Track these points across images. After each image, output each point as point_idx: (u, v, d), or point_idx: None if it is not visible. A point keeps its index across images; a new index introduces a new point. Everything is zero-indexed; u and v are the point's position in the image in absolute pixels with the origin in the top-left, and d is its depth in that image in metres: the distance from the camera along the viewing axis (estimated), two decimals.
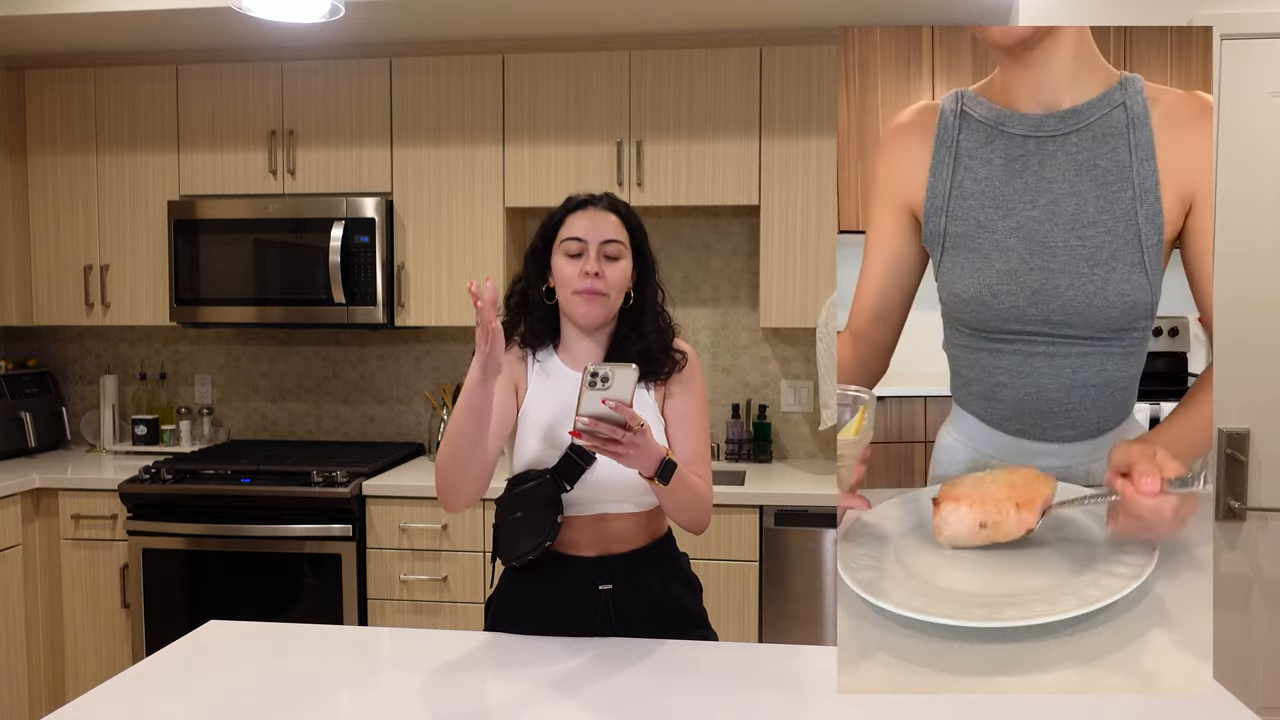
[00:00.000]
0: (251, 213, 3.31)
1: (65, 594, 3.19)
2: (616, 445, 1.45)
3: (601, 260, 1.66)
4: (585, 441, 1.46)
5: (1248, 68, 2.53)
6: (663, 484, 1.53)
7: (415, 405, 3.67)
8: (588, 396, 1.42)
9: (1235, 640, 2.58)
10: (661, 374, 1.72)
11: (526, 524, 1.64)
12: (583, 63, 3.21)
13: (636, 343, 1.70)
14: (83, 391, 3.84)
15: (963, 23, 3.18)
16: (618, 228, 1.69)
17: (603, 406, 1.42)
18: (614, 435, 1.44)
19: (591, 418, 1.43)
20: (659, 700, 1.44)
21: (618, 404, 1.42)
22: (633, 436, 1.45)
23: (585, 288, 1.65)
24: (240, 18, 2.89)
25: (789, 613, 2.91)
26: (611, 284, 1.66)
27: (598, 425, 1.43)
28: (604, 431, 1.43)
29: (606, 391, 1.41)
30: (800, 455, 3.51)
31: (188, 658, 1.63)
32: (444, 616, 3.03)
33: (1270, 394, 2.56)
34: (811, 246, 3.15)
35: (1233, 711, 1.35)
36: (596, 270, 1.64)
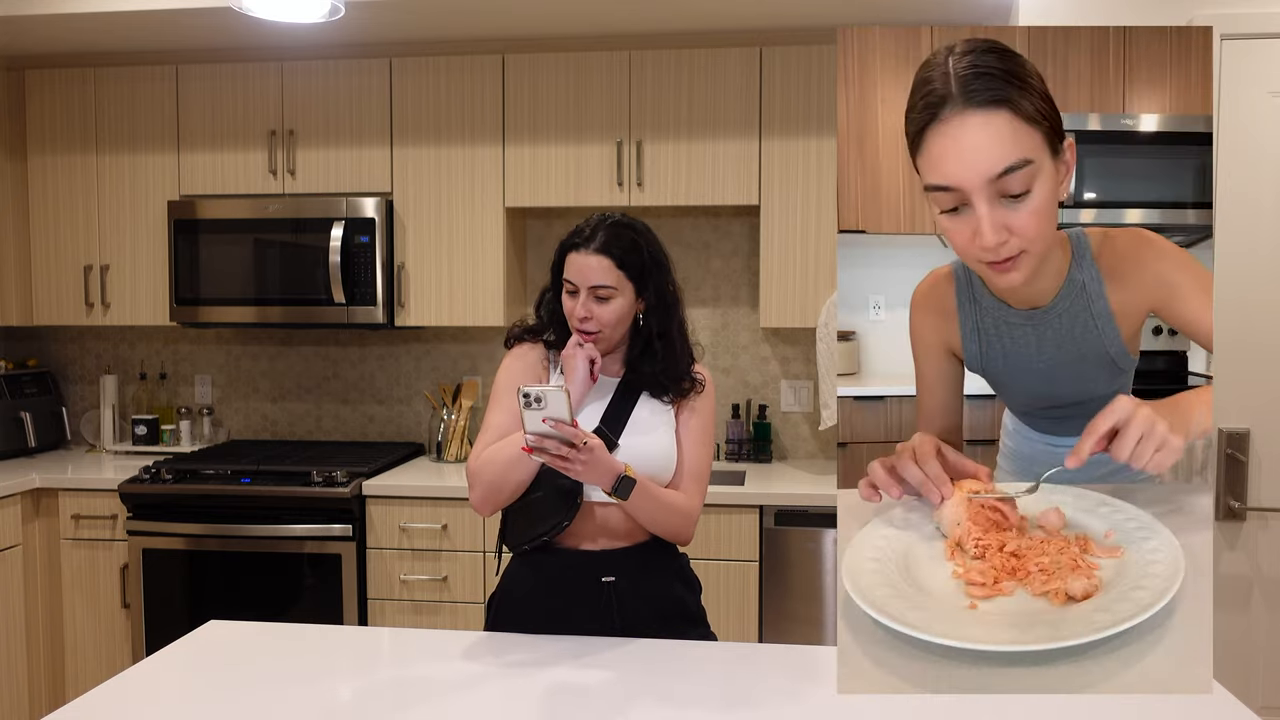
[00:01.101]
0: (251, 213, 3.31)
1: (65, 594, 3.19)
2: (565, 462, 1.54)
3: (591, 303, 1.70)
4: (537, 457, 1.55)
5: (1248, 68, 2.52)
6: (622, 499, 1.62)
7: (415, 405, 3.67)
8: (528, 417, 1.51)
9: (1235, 640, 2.58)
10: (672, 395, 1.77)
11: (545, 504, 1.68)
12: (583, 63, 3.21)
13: (649, 363, 1.76)
14: (83, 391, 3.84)
15: (963, 23, 3.18)
16: (607, 271, 1.70)
17: (544, 425, 1.51)
18: (560, 452, 1.52)
19: (536, 435, 1.52)
20: (659, 700, 1.44)
21: (557, 422, 1.51)
22: (577, 453, 1.53)
23: (578, 327, 1.72)
24: (240, 18, 2.89)
25: (789, 613, 2.91)
26: (603, 323, 1.71)
27: (544, 442, 1.53)
28: (551, 448, 1.53)
29: (544, 411, 1.50)
30: (800, 455, 3.51)
31: (188, 658, 1.63)
32: (444, 616, 3.03)
33: (1270, 394, 2.56)
34: (811, 246, 3.15)
35: (1233, 711, 1.35)
36: (585, 314, 1.70)
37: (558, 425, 1.51)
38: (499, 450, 1.67)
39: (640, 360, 1.76)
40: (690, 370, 1.79)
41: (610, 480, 1.59)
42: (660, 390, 1.75)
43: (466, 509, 3.01)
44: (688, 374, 1.78)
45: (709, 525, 2.90)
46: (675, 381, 1.76)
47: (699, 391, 1.79)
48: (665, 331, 1.76)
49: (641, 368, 1.76)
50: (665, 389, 1.75)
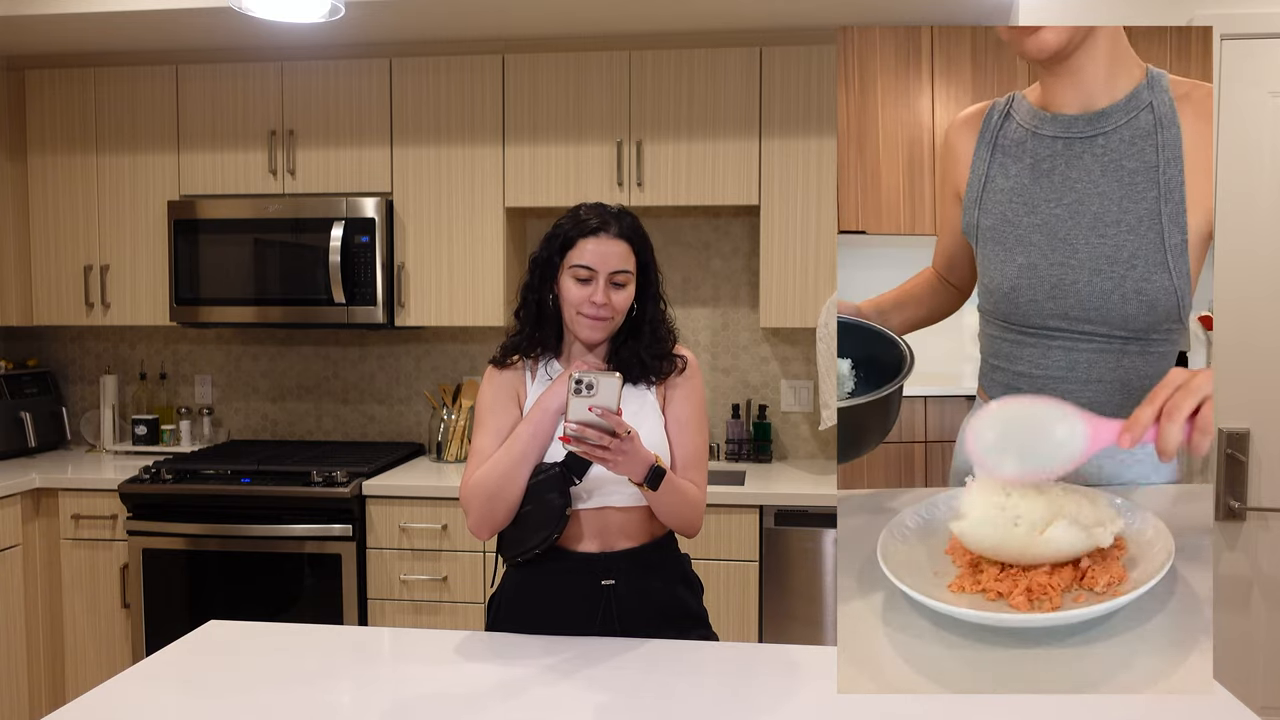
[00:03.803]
0: (251, 213, 3.31)
1: (65, 594, 3.19)
2: (605, 451, 1.50)
3: (609, 289, 1.68)
4: (574, 447, 1.51)
5: (1248, 68, 2.53)
6: (652, 490, 1.59)
7: (415, 405, 3.67)
8: (574, 404, 1.47)
9: (1235, 640, 2.58)
10: (659, 376, 1.76)
11: (534, 517, 1.66)
12: (583, 63, 3.21)
13: (634, 347, 1.74)
14: (83, 391, 3.84)
15: (963, 23, 3.18)
16: (626, 257, 1.70)
17: (590, 414, 1.47)
18: (602, 442, 1.49)
19: (580, 424, 1.48)
20: (659, 700, 1.44)
21: (604, 411, 1.47)
22: (620, 443, 1.50)
23: (592, 313, 1.68)
24: (240, 18, 2.89)
25: (789, 613, 2.91)
26: (617, 309, 1.70)
27: (586, 431, 1.49)
28: (592, 438, 1.49)
29: (592, 399, 1.47)
30: (800, 455, 3.51)
31: (188, 658, 1.63)
32: (444, 616, 3.03)
33: (1270, 394, 2.56)
34: (811, 246, 3.15)
35: (1233, 711, 1.35)
36: (604, 300, 1.67)
37: (604, 414, 1.47)
38: (493, 466, 1.66)
39: (625, 345, 1.75)
40: (671, 350, 1.78)
41: (643, 471, 1.57)
42: (645, 372, 1.74)
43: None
44: (669, 353, 1.78)
45: (709, 525, 2.90)
46: (659, 360, 1.75)
47: (681, 371, 1.77)
48: (655, 319, 1.76)
49: (625, 352, 1.74)
50: (650, 369, 1.74)
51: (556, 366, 1.77)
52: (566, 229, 1.72)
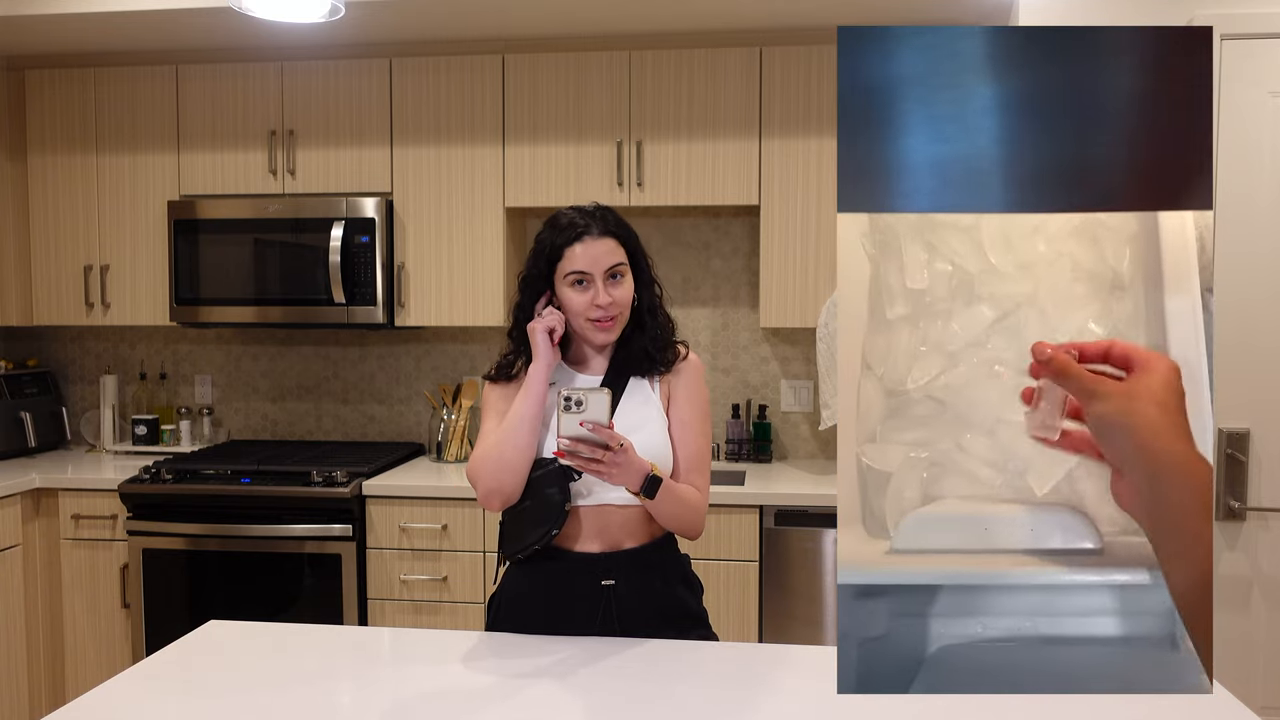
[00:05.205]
0: (251, 213, 3.31)
1: (65, 594, 3.19)
2: (598, 465, 1.52)
3: (608, 287, 1.69)
4: (568, 461, 1.53)
5: (1248, 68, 2.53)
6: (649, 498, 1.60)
7: (415, 405, 3.67)
8: (565, 420, 1.49)
9: (1235, 640, 2.58)
10: (664, 366, 1.77)
11: (534, 512, 1.66)
12: (583, 63, 3.21)
13: (639, 340, 1.75)
14: (83, 391, 3.84)
15: (963, 23, 3.18)
16: (615, 251, 1.71)
17: (581, 429, 1.49)
18: (595, 456, 1.52)
19: (571, 439, 1.50)
20: (659, 700, 1.44)
21: (595, 425, 1.49)
22: (613, 456, 1.52)
23: (599, 316, 1.70)
24: (240, 18, 2.89)
25: (789, 613, 2.91)
26: (622, 303, 1.71)
27: (578, 446, 1.51)
28: (584, 452, 1.51)
29: (582, 414, 1.49)
30: (800, 455, 3.51)
31: (188, 658, 1.63)
32: (444, 616, 3.03)
33: (1270, 394, 2.56)
34: (811, 246, 3.15)
35: (1233, 711, 1.35)
36: (608, 299, 1.69)
37: (595, 428, 1.49)
38: (498, 436, 1.67)
39: (631, 336, 1.76)
40: (672, 338, 1.81)
41: (639, 481, 1.58)
42: (653, 365, 1.75)
43: (467, 509, 3.00)
44: (671, 341, 1.79)
45: (709, 525, 2.89)
46: (663, 350, 1.77)
47: (683, 358, 1.79)
48: (653, 305, 1.78)
49: (632, 344, 1.75)
50: (655, 360, 1.75)
51: (560, 365, 1.77)
52: (550, 240, 1.73)
